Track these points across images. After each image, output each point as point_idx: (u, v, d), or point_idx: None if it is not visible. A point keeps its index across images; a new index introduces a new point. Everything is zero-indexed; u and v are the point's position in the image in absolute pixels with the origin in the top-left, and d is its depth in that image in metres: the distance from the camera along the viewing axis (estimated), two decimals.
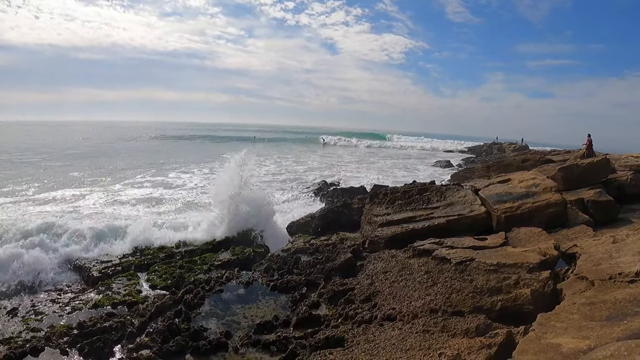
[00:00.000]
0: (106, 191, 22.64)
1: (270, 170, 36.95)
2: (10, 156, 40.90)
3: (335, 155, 52.77)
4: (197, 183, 26.05)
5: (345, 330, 7.56)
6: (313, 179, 27.99)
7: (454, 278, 8.07)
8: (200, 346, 7.76)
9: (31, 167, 33.52)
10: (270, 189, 26.00)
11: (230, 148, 57.98)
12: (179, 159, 43.97)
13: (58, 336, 8.37)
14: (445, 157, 53.68)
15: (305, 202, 20.06)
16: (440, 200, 12.30)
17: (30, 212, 15.65)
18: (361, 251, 11.50)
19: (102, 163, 38.62)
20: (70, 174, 30.44)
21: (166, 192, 22.59)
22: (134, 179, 28.13)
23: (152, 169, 34.15)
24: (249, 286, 10.74)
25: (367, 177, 29.77)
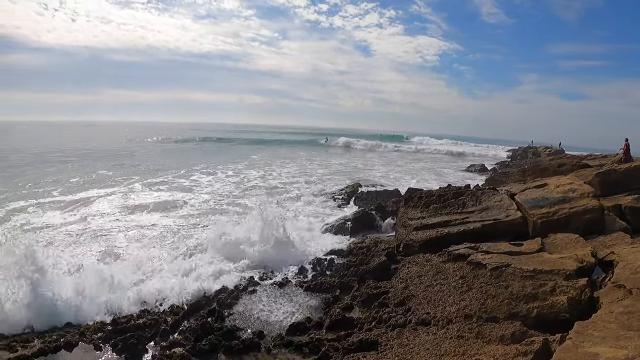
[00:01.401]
0: (126, 193, 22.87)
1: (300, 171, 37.00)
2: (36, 156, 41.67)
3: (363, 158, 52.23)
4: (218, 187, 26.01)
5: (379, 334, 7.56)
6: (346, 182, 27.95)
7: (489, 283, 8.00)
8: (233, 346, 7.86)
9: (59, 166, 34.28)
10: (303, 190, 26.18)
11: (260, 150, 58.27)
12: (208, 160, 44.25)
13: (92, 332, 8.60)
14: (479, 160, 52.94)
15: (339, 204, 20.10)
16: (476, 205, 12.20)
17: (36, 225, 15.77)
18: (395, 254, 11.48)
19: (129, 163, 39.34)
20: (97, 172, 31.31)
21: (185, 195, 22.62)
22: (158, 179, 28.47)
23: (181, 169, 34.51)
24: (283, 287, 10.81)
25: (399, 181, 29.50)
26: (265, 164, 41.64)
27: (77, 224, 16.47)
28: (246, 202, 21.58)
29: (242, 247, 13.61)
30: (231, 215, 18.68)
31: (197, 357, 7.57)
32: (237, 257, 12.95)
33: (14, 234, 13.42)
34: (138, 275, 11.50)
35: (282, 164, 41.26)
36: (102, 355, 7.94)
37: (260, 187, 26.70)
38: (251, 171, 34.77)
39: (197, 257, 13.00)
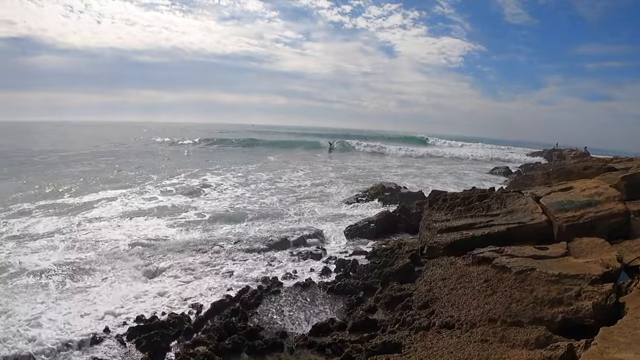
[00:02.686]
0: (134, 195, 23.09)
1: (318, 172, 37.06)
2: (50, 156, 42.33)
3: (381, 161, 51.88)
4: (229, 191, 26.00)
5: (402, 337, 7.58)
6: (367, 183, 27.95)
7: (514, 287, 7.98)
8: (256, 345, 7.95)
9: (79, 167, 34.92)
10: (326, 191, 26.24)
11: (280, 151, 58.28)
12: (225, 160, 44.64)
13: (116, 328, 8.83)
14: (503, 162, 52.51)
15: (363, 205, 20.13)
16: (501, 208, 12.13)
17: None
18: (419, 257, 11.48)
19: (149, 163, 39.98)
20: (121, 172, 31.81)
21: (192, 200, 22.68)
22: (171, 180, 28.71)
23: (195, 169, 34.89)
24: (306, 288, 10.89)
25: (419, 184, 29.36)
26: (284, 164, 42.00)
27: (99, 222, 16.72)
28: (265, 203, 21.77)
29: (265, 247, 13.77)
30: (250, 216, 18.84)
31: (221, 356, 7.64)
32: (260, 257, 13.10)
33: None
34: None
35: (298, 165, 41.39)
36: (126, 351, 8.11)
37: (279, 189, 26.78)
38: (270, 172, 35.04)
39: (218, 255, 13.12)
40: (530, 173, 32.33)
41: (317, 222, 17.87)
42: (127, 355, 8.00)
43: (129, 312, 9.53)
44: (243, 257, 13.20)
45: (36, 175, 28.89)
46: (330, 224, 17.54)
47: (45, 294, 10.33)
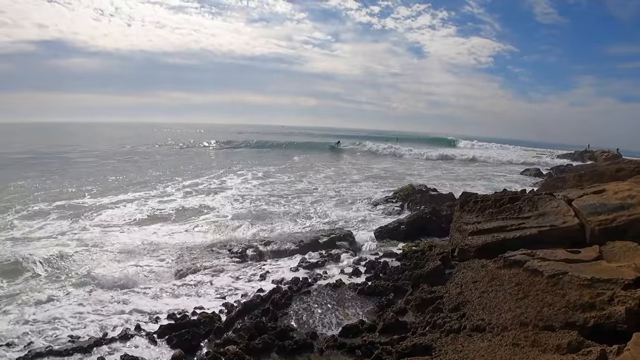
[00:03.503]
0: (158, 195, 23.59)
1: (347, 173, 37.12)
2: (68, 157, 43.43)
3: (406, 163, 51.37)
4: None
5: (433, 339, 7.61)
6: (397, 185, 27.92)
7: (546, 291, 7.93)
8: (286, 345, 8.06)
9: (104, 167, 36.32)
10: (354, 192, 26.29)
11: (307, 152, 58.33)
12: (252, 161, 45.28)
13: (147, 325, 9.11)
14: (533, 164, 51.86)
15: (393, 207, 20.11)
16: (532, 210, 12.03)
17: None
18: (450, 259, 11.46)
19: (170, 164, 40.89)
20: (149, 173, 32.70)
21: (218, 201, 22.83)
22: (195, 181, 29.50)
23: (220, 170, 35.56)
24: (336, 289, 10.97)
25: (446, 186, 29.15)
26: (310, 165, 42.58)
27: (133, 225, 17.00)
28: (292, 204, 21.96)
29: (295, 248, 13.87)
30: (278, 217, 19.01)
31: (251, 355, 7.76)
32: (291, 257, 13.21)
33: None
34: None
35: (323, 167, 41.64)
36: (157, 348, 8.33)
37: (305, 190, 26.94)
38: (295, 173, 35.67)
39: (248, 256, 13.25)
40: (562, 175, 31.98)
41: (346, 223, 17.95)
42: (158, 353, 8.20)
43: (160, 311, 9.82)
44: (274, 257, 13.40)
45: (62, 174, 29.96)
46: (360, 226, 17.67)
47: (78, 292, 10.65)
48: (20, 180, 27.10)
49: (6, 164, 36.70)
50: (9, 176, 29.08)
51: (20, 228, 16.15)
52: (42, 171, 31.85)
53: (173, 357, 7.86)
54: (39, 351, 7.99)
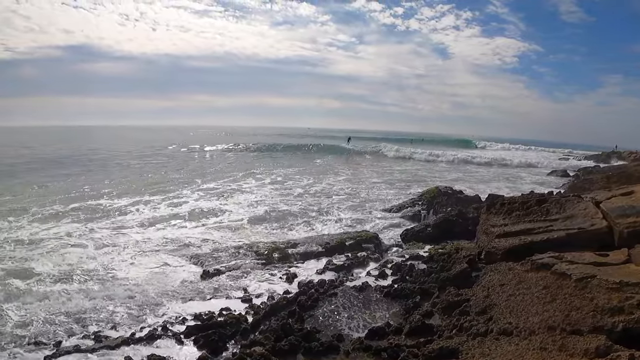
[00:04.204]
0: (177, 197, 23.91)
1: (366, 175, 37.13)
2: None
3: (426, 165, 50.82)
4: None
5: (460, 342, 7.60)
6: (421, 187, 27.88)
7: (574, 295, 7.87)
8: (313, 347, 8.09)
9: (125, 170, 37.14)
10: (377, 194, 26.30)
11: (326, 154, 58.30)
12: (274, 163, 46.01)
13: (174, 326, 9.25)
14: (559, 165, 51.24)
15: (419, 210, 20.06)
16: (560, 212, 11.95)
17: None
18: (477, 262, 11.42)
19: (190, 167, 41.72)
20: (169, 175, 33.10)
21: (239, 202, 22.95)
22: (215, 183, 29.92)
23: (241, 172, 35.97)
24: (362, 291, 10.97)
25: (474, 188, 28.97)
26: (333, 168, 42.67)
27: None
28: (315, 206, 22.15)
29: (321, 250, 13.93)
30: (303, 219, 19.12)
31: (277, 357, 7.82)
32: (317, 260, 13.29)
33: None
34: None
35: (347, 169, 41.80)
36: (183, 349, 8.47)
37: (328, 192, 27.08)
38: (316, 176, 35.59)
39: (274, 258, 13.35)
40: (590, 177, 31.58)
41: (372, 226, 17.96)
42: (185, 353, 8.33)
43: (186, 312, 9.98)
44: (300, 260, 13.44)
45: (88, 176, 30.45)
46: (386, 228, 17.65)
47: (104, 292, 10.90)
48: (45, 181, 28.16)
49: (34, 166, 37.71)
50: (34, 177, 30.03)
51: (38, 227, 16.57)
52: (67, 174, 32.65)
53: (200, 358, 7.96)
54: (66, 349, 8.21)
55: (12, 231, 15.90)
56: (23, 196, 22.54)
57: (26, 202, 20.92)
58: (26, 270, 12.15)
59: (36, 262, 12.76)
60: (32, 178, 29.65)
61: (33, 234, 15.58)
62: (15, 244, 14.32)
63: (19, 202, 21.15)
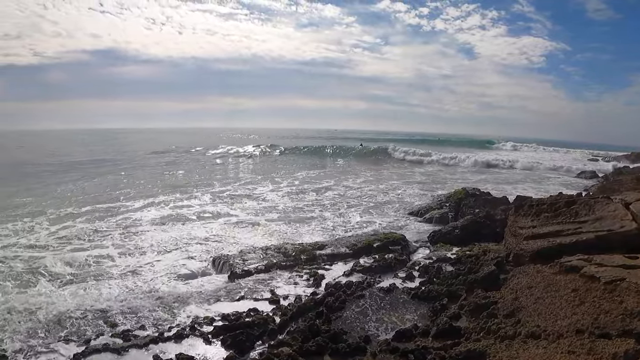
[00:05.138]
0: (201, 199, 24.20)
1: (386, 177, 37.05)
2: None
3: (447, 168, 49.87)
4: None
5: (487, 345, 7.59)
6: (445, 189, 27.79)
7: (603, 298, 7.82)
8: (340, 348, 8.15)
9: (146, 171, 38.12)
10: (403, 196, 26.27)
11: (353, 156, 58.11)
12: (298, 165, 46.51)
13: (202, 326, 9.34)
14: (589, 166, 50.35)
15: (446, 211, 19.96)
16: (589, 214, 11.84)
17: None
18: (505, 264, 11.37)
19: (212, 169, 42.42)
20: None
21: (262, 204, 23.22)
22: (237, 185, 30.52)
23: (268, 174, 36.71)
24: (389, 293, 11.00)
25: (500, 189, 28.69)
26: (357, 170, 42.71)
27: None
28: (340, 208, 22.28)
29: (349, 252, 13.96)
30: (331, 220, 19.21)
31: (304, 357, 7.90)
32: (344, 261, 13.32)
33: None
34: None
35: (370, 171, 41.65)
36: (211, 349, 8.57)
37: (352, 195, 27.13)
38: (339, 177, 36.11)
39: (301, 259, 13.39)
40: (619, 178, 31.14)
41: (399, 228, 17.94)
42: (213, 353, 8.44)
43: (214, 312, 10.12)
44: (327, 261, 13.47)
45: (109, 178, 31.94)
46: (413, 230, 17.64)
47: (133, 292, 11.14)
48: (69, 184, 29.13)
49: (64, 168, 39.04)
50: (61, 180, 31.23)
51: (63, 227, 17.16)
52: (95, 174, 34.30)
53: (227, 358, 8.06)
54: (96, 347, 8.38)
55: (39, 231, 16.56)
56: (53, 197, 23.25)
57: (45, 204, 21.66)
58: (55, 270, 12.65)
59: (61, 262, 13.26)
60: (55, 180, 31.05)
61: (60, 233, 16.29)
62: (43, 245, 14.91)
63: (37, 204, 21.75)
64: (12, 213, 19.45)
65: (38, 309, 9.90)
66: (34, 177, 32.41)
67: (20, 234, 16.13)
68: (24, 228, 17.02)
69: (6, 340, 8.51)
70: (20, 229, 16.88)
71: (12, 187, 27.27)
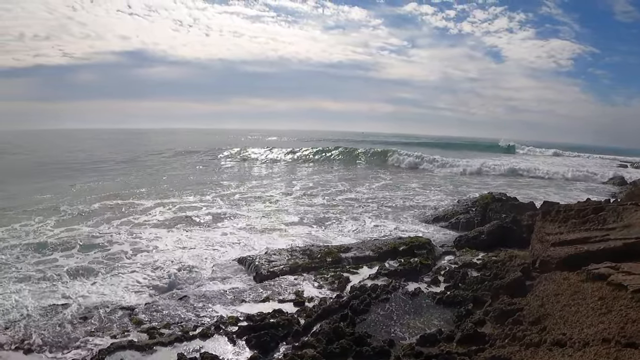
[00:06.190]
0: (217, 201, 24.26)
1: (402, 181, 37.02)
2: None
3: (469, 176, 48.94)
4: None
5: (512, 352, 7.58)
6: (466, 194, 27.64)
7: (630, 307, 7.74)
8: (364, 351, 8.22)
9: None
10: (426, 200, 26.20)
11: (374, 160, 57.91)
12: (319, 168, 46.51)
13: (226, 325, 9.46)
14: (618, 173, 49.28)
15: (472, 216, 19.83)
16: (617, 221, 11.71)
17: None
18: (531, 271, 11.30)
19: (230, 171, 42.73)
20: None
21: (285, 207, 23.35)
22: (252, 185, 31.58)
23: (291, 175, 37.83)
24: (414, 297, 11.06)
25: (524, 195, 28.40)
26: (378, 174, 42.66)
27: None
28: (366, 212, 22.35)
29: (375, 255, 13.97)
30: (354, 225, 19.23)
31: (328, 359, 8.01)
32: (370, 265, 13.34)
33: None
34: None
35: (389, 175, 41.53)
36: (235, 348, 8.72)
37: (374, 198, 27.38)
38: (362, 181, 36.16)
39: (326, 262, 13.43)
40: None
41: (424, 232, 17.88)
42: (237, 352, 8.57)
43: (239, 312, 10.28)
44: (353, 264, 13.48)
45: (130, 177, 33.52)
46: (438, 234, 17.59)
47: (158, 291, 11.48)
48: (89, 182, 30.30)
49: (91, 167, 40.56)
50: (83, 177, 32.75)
51: (82, 224, 17.51)
52: (108, 175, 34.92)
53: (251, 357, 8.17)
54: (121, 344, 8.53)
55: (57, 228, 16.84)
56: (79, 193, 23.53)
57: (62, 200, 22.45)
58: (76, 266, 12.89)
59: (82, 258, 13.60)
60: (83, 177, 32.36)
61: (81, 230, 16.70)
62: (65, 240, 15.19)
63: (58, 199, 22.54)
64: (33, 208, 20.10)
65: (63, 305, 10.12)
66: (56, 174, 33.79)
67: (38, 231, 16.47)
68: (44, 222, 17.59)
69: (33, 336, 8.70)
70: (39, 223, 17.43)
71: (38, 183, 28.64)
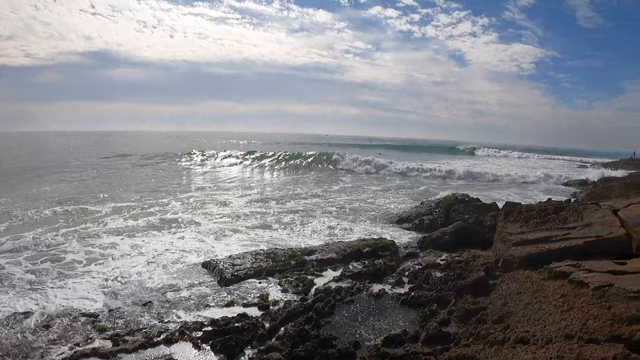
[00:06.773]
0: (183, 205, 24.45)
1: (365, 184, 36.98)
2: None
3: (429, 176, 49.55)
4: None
5: (477, 350, 7.61)
6: (430, 195, 27.91)
7: (591, 303, 7.84)
8: (329, 354, 8.11)
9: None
10: (387, 202, 26.32)
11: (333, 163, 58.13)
12: (279, 172, 46.06)
13: (191, 331, 9.30)
14: (578, 174, 50.09)
15: (435, 217, 19.96)
16: (578, 220, 11.91)
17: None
18: (494, 270, 11.40)
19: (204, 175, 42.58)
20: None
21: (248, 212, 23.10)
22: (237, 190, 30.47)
23: (246, 180, 36.52)
24: (379, 299, 11.04)
25: (486, 196, 28.76)
26: (341, 177, 43.93)
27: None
28: (330, 214, 22.03)
29: (338, 257, 13.96)
30: (315, 227, 19.21)
31: None
32: (334, 267, 13.32)
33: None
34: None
35: (351, 178, 41.48)
36: (200, 354, 8.56)
37: (338, 201, 27.12)
38: (325, 184, 36.16)
39: (290, 265, 13.38)
40: (608, 185, 31.41)
41: (388, 234, 17.93)
42: (202, 357, 8.43)
43: (203, 317, 10.13)
44: (316, 266, 13.45)
45: (85, 181, 32.77)
46: (403, 236, 17.67)
47: (121, 297, 11.13)
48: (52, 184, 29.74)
49: (53, 170, 39.50)
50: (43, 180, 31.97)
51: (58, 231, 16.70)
52: (81, 178, 34.74)
53: None
54: (84, 352, 8.33)
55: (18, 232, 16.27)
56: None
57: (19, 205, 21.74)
58: (34, 273, 12.58)
59: (44, 265, 13.28)
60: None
61: (43, 237, 15.99)
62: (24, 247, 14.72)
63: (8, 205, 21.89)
64: None
65: (25, 314, 9.79)
66: (14, 178, 33.06)
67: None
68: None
69: None
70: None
71: None
